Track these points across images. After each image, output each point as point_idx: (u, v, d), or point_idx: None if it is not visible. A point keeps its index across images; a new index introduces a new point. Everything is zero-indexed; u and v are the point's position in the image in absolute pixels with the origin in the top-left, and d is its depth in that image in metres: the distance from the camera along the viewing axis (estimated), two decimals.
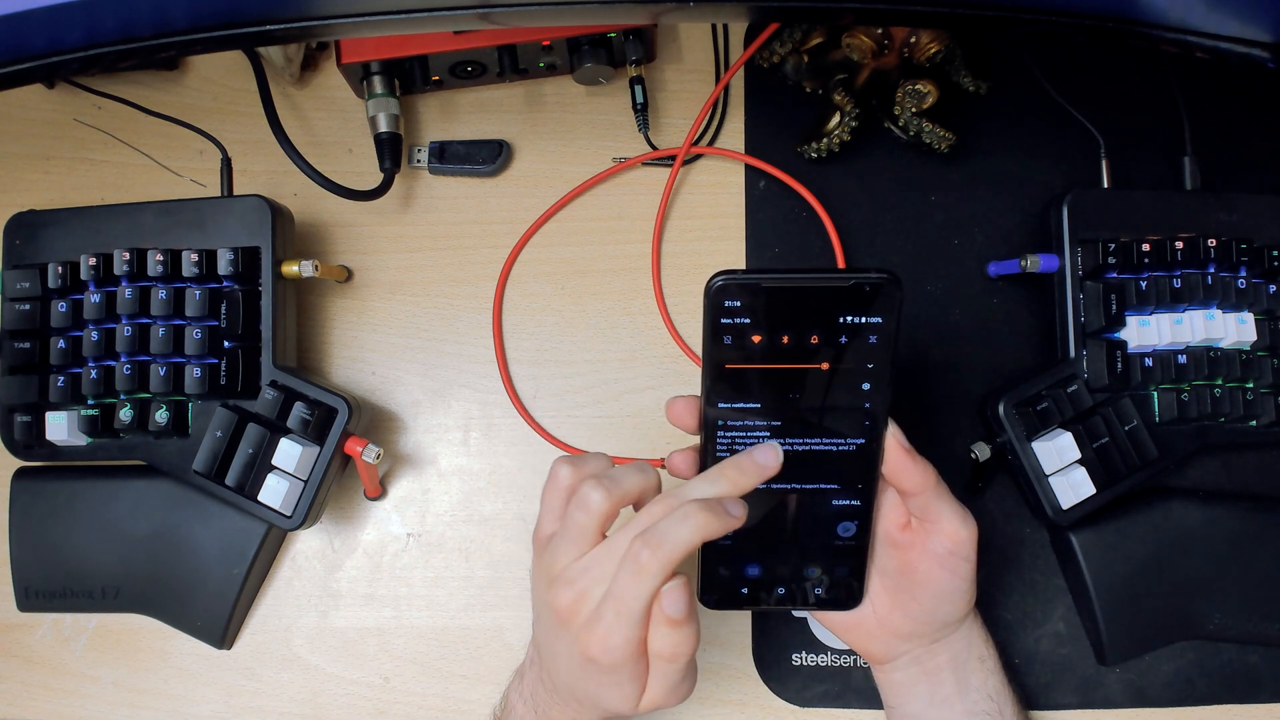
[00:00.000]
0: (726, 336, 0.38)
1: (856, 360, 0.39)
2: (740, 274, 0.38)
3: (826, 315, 0.38)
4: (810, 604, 0.45)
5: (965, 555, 0.43)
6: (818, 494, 0.42)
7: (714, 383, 0.40)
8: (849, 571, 0.45)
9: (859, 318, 0.38)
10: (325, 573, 0.57)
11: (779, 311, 0.38)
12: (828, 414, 0.40)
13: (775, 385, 0.39)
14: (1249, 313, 0.52)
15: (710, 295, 0.38)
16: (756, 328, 0.38)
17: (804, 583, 0.44)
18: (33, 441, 0.55)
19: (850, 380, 0.39)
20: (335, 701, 0.55)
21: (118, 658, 0.56)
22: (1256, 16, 0.41)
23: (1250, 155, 0.59)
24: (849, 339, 0.38)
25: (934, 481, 0.42)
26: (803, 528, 0.43)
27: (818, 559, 0.44)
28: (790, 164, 0.58)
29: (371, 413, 0.58)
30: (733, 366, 0.39)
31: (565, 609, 0.39)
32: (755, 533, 0.42)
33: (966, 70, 0.58)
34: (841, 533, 0.43)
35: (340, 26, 0.45)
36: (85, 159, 0.62)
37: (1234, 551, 0.52)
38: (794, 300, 0.38)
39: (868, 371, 0.39)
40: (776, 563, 0.44)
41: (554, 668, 0.42)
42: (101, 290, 0.54)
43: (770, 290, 0.38)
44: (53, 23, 0.42)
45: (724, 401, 0.40)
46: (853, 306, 0.38)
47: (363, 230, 0.60)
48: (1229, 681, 0.53)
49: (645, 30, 0.57)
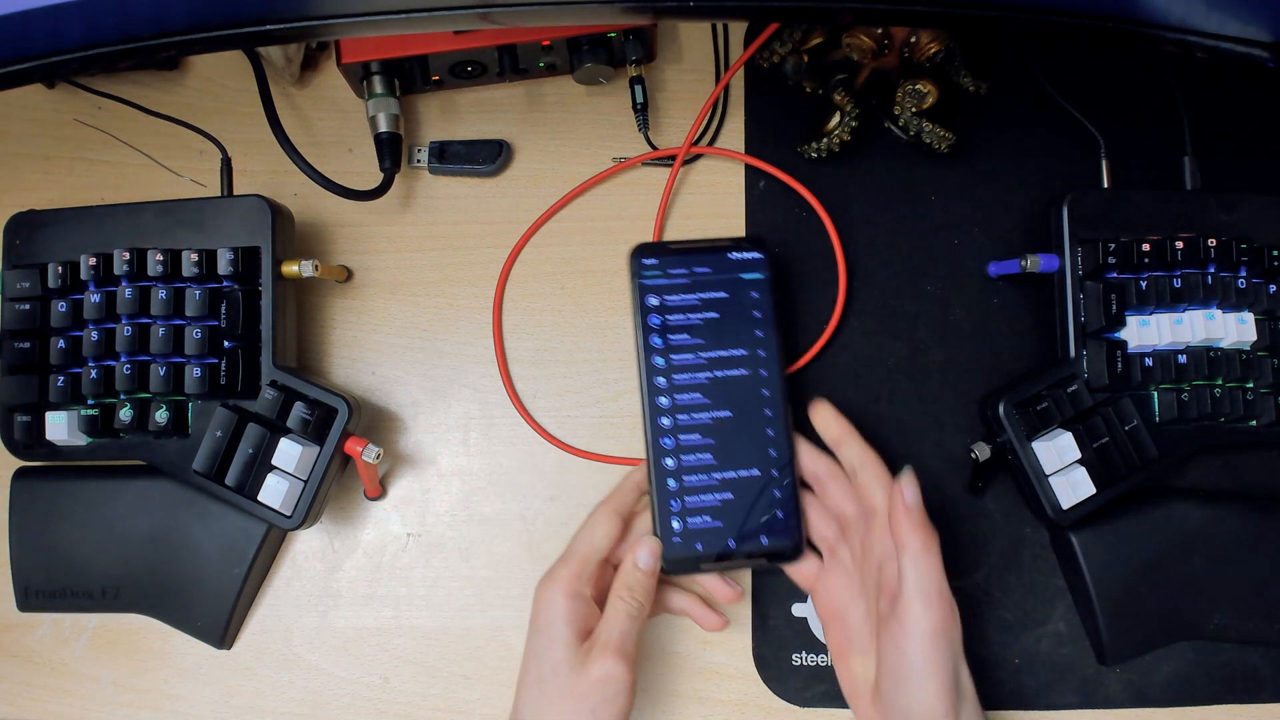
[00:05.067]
0: (650, 297, 0.53)
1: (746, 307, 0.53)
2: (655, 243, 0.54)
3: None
4: (758, 553, 0.51)
5: (921, 639, 0.43)
6: (740, 424, 0.52)
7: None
8: (784, 514, 0.51)
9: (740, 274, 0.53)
10: (325, 573, 0.57)
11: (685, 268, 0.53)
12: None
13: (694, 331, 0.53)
14: (1249, 313, 0.52)
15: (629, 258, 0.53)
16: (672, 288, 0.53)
17: (748, 530, 0.51)
18: (33, 441, 0.55)
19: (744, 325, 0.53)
20: (335, 701, 0.55)
21: (118, 658, 0.56)
22: (1256, 16, 0.41)
23: (1250, 155, 0.59)
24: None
25: (918, 547, 0.44)
26: (736, 460, 0.51)
27: (753, 500, 0.51)
28: (790, 164, 0.58)
29: (371, 413, 0.58)
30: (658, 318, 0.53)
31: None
32: (696, 472, 0.51)
33: (966, 70, 0.58)
34: (767, 467, 0.51)
35: (340, 26, 0.45)
36: (85, 159, 0.62)
37: (1234, 551, 0.52)
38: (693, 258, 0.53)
39: (756, 319, 0.53)
40: (720, 511, 0.51)
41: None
42: (101, 290, 0.54)
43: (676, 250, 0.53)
44: (53, 23, 0.42)
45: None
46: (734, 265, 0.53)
47: (363, 230, 0.60)
48: (1229, 681, 0.53)
49: (645, 30, 0.57)
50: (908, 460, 0.51)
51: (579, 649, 0.46)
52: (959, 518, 0.55)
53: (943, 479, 0.56)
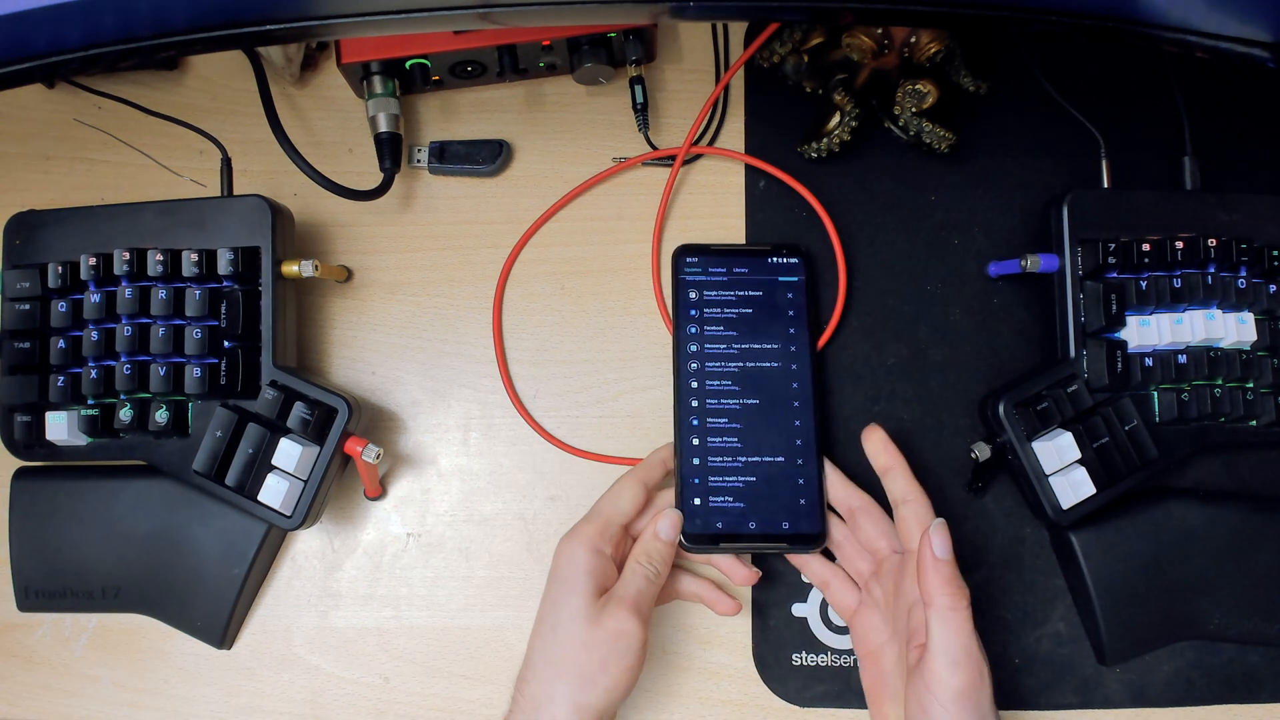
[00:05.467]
0: (689, 290, 0.56)
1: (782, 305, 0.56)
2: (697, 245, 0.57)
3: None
4: (779, 537, 0.51)
5: (945, 703, 0.42)
6: (767, 412, 0.53)
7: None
8: (806, 501, 0.52)
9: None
10: (325, 573, 0.57)
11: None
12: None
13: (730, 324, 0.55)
14: (1249, 313, 0.52)
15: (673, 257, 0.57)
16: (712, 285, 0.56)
17: (768, 514, 0.52)
18: (33, 441, 0.55)
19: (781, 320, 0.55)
20: (335, 701, 0.55)
21: (118, 658, 0.56)
22: (1256, 16, 0.41)
23: (1250, 155, 0.59)
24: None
25: (945, 605, 0.44)
26: (762, 446, 0.53)
27: (776, 485, 0.52)
28: (790, 164, 0.58)
29: (371, 413, 0.58)
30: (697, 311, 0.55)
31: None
32: (721, 454, 0.52)
33: (966, 70, 0.58)
34: (792, 456, 0.53)
35: (340, 26, 0.45)
36: (85, 159, 0.62)
37: (1234, 551, 0.52)
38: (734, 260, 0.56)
39: (789, 317, 0.55)
40: (742, 492, 0.52)
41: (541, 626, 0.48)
42: (101, 290, 0.54)
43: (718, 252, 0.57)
44: (53, 23, 0.42)
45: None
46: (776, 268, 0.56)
47: (363, 230, 0.60)
48: (1229, 681, 0.53)
49: (645, 30, 0.57)
50: (908, 460, 0.51)
51: (596, 602, 0.47)
52: (959, 518, 0.55)
53: (943, 479, 0.56)
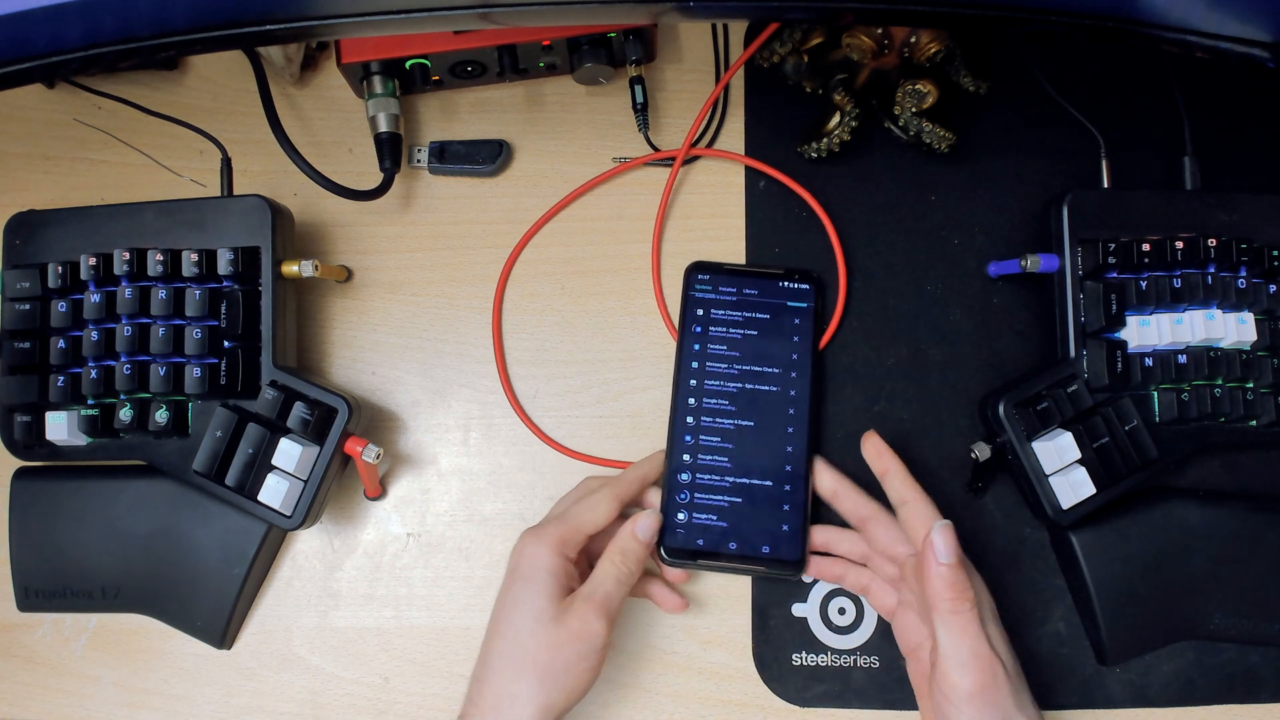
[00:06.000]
0: (696, 307, 0.56)
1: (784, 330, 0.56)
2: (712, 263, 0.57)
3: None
4: (758, 560, 0.52)
5: (960, 705, 0.42)
6: (761, 435, 0.53)
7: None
8: (789, 528, 0.52)
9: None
10: (325, 573, 0.57)
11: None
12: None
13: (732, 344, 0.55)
14: (1249, 313, 0.52)
15: (685, 274, 0.56)
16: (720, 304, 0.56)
17: (750, 536, 0.52)
18: (33, 441, 0.55)
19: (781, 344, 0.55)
20: (335, 701, 0.55)
21: (118, 658, 0.56)
22: (1256, 16, 0.41)
23: (1250, 155, 0.59)
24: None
25: (948, 609, 0.44)
26: (751, 468, 0.53)
27: (761, 508, 0.52)
28: (790, 164, 0.58)
29: (371, 413, 0.58)
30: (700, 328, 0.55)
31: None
32: (709, 472, 0.53)
33: (966, 70, 0.58)
34: (780, 482, 0.53)
35: (340, 26, 0.45)
36: (85, 159, 0.62)
37: (1234, 551, 0.52)
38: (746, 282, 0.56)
39: (794, 343, 0.55)
40: (726, 512, 0.52)
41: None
42: (101, 290, 0.54)
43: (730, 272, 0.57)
44: (53, 23, 0.42)
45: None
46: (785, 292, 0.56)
47: (363, 230, 0.60)
48: (1229, 681, 0.53)
49: (645, 30, 0.57)
50: (908, 460, 0.51)
51: (559, 603, 0.46)
52: (959, 518, 0.54)
53: (943, 479, 0.56)
